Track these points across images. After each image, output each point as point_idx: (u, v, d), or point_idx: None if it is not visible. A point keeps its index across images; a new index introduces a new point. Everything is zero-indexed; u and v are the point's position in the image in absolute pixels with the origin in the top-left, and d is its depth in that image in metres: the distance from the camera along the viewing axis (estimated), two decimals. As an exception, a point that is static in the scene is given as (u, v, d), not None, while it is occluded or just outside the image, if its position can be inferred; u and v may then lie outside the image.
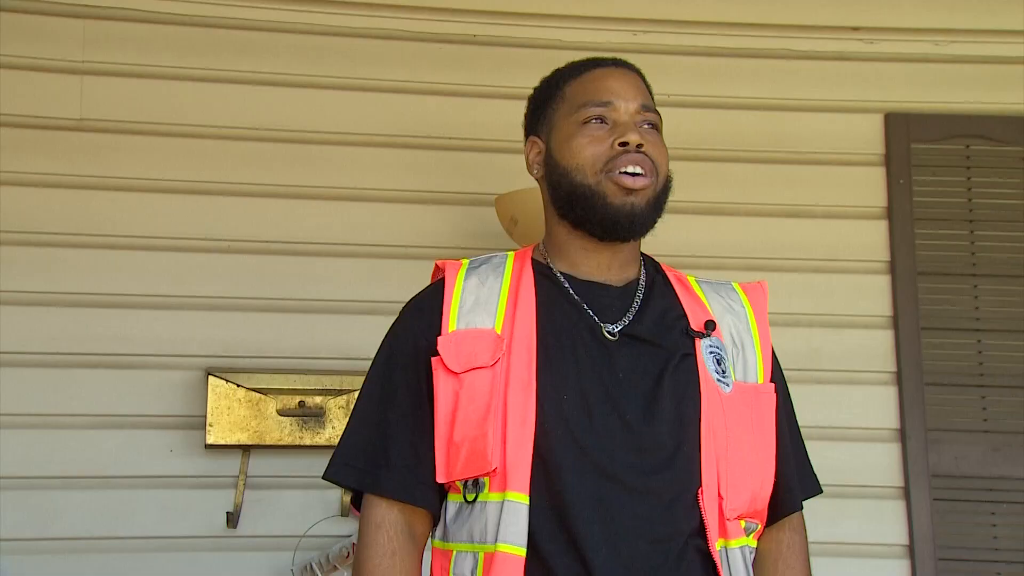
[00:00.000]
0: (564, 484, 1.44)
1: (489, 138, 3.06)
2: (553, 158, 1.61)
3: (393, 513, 1.51)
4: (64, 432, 2.81)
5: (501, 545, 1.42)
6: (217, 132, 3.00)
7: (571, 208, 1.58)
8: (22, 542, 2.75)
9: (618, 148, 1.55)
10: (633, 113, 1.58)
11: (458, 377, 1.50)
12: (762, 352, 1.62)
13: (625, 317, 1.57)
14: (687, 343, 1.56)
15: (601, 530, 1.43)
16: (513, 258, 1.64)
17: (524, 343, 1.51)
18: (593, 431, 1.47)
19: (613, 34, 3.17)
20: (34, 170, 2.91)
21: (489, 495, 1.46)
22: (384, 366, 1.59)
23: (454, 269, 1.61)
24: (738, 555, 1.50)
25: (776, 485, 1.57)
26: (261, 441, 2.80)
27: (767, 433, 1.57)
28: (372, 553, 1.50)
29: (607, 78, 1.61)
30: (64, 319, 2.86)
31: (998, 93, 3.22)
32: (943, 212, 3.17)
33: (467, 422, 1.48)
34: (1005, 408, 3.07)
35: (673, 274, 1.68)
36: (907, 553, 2.97)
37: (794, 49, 3.23)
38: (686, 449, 1.49)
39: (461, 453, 1.48)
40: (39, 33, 2.97)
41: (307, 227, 2.99)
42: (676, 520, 1.46)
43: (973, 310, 3.12)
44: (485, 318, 1.54)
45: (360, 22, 3.10)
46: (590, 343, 1.53)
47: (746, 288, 1.69)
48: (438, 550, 1.54)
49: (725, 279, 1.72)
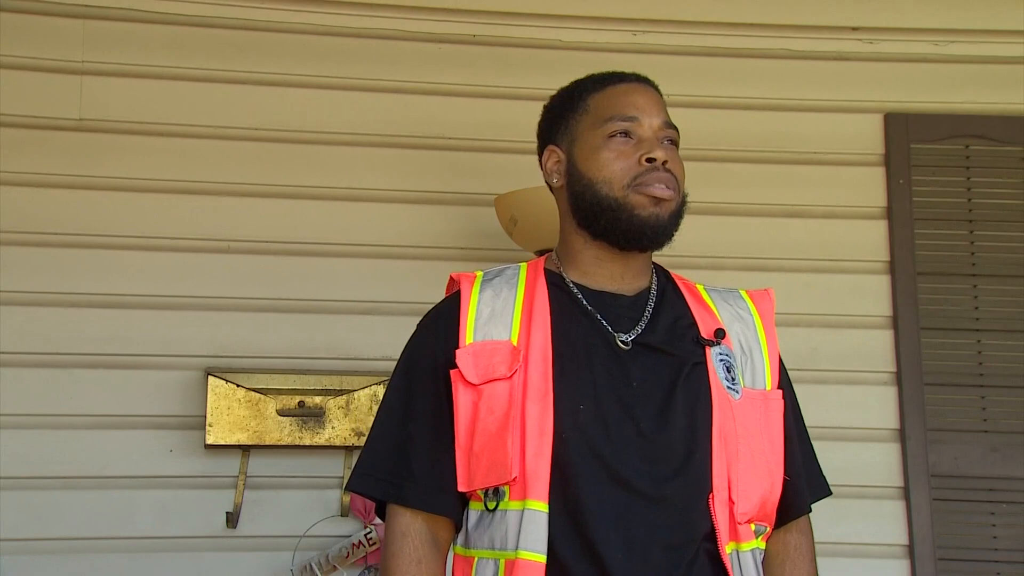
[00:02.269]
0: (581, 492, 1.47)
1: (489, 138, 3.06)
2: (577, 169, 1.63)
3: (418, 522, 1.56)
4: (64, 432, 2.81)
5: (522, 552, 1.45)
6: (217, 132, 3.00)
7: (595, 219, 1.61)
8: (22, 542, 2.75)
9: (645, 164, 1.58)
10: (657, 129, 1.61)
11: (476, 389, 1.53)
12: (770, 359, 1.65)
13: (638, 326, 1.59)
14: (698, 352, 1.59)
15: (617, 537, 1.46)
16: (526, 269, 1.67)
17: (540, 354, 1.53)
18: (609, 440, 1.50)
19: (613, 34, 3.17)
20: (34, 170, 2.91)
21: (509, 503, 1.49)
22: (403, 379, 1.62)
23: (469, 282, 1.63)
24: (749, 558, 1.52)
25: (785, 489, 1.60)
26: (261, 441, 2.80)
27: (776, 438, 1.60)
28: (399, 562, 1.55)
29: (632, 93, 1.64)
30: (64, 319, 2.86)
31: (998, 93, 3.22)
32: (943, 212, 3.17)
33: (486, 432, 1.51)
34: (1005, 408, 3.07)
35: (683, 283, 1.70)
36: (907, 553, 2.97)
37: (794, 49, 3.23)
38: (698, 456, 1.52)
39: (481, 463, 1.51)
40: (39, 33, 2.98)
41: (307, 227, 2.99)
42: (689, 526, 1.49)
43: (973, 310, 3.12)
44: (501, 330, 1.57)
45: (360, 22, 3.10)
46: (604, 353, 1.56)
47: (753, 296, 1.72)
48: (460, 556, 1.57)
49: (733, 287, 1.75)
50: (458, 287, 1.64)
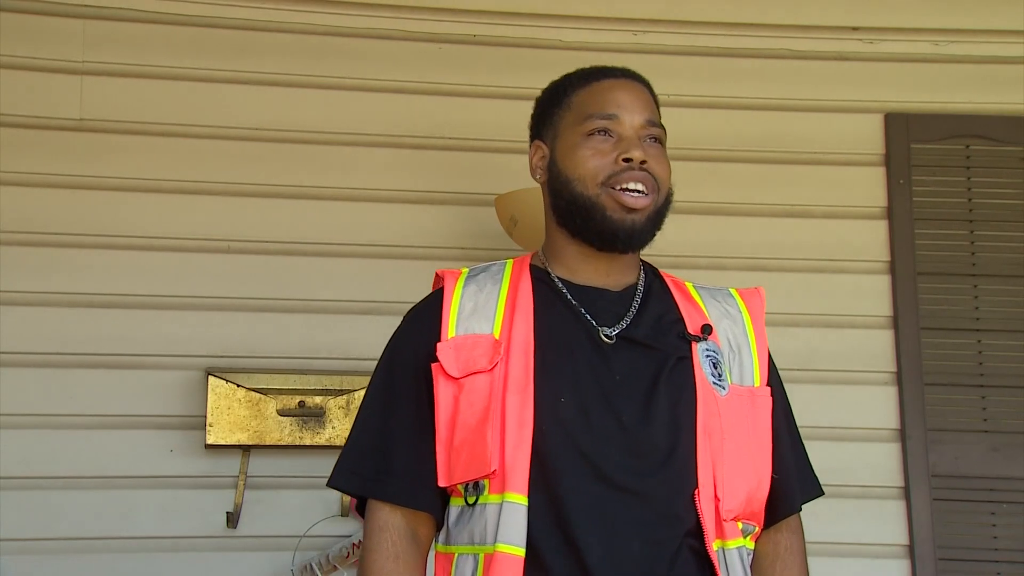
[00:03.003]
0: (561, 485, 1.46)
1: (489, 138, 3.06)
2: (556, 166, 1.62)
3: (396, 517, 1.53)
4: (64, 432, 2.81)
5: (500, 545, 1.43)
6: (217, 132, 3.00)
7: (571, 217, 1.60)
8: (22, 542, 2.75)
9: (622, 163, 1.56)
10: (638, 127, 1.59)
11: (457, 382, 1.52)
12: (758, 356, 1.63)
13: (623, 321, 1.58)
14: (683, 346, 1.57)
15: (598, 531, 1.44)
16: (512, 265, 1.66)
17: (521, 347, 1.52)
18: (590, 433, 1.49)
19: (613, 34, 3.17)
20: (34, 170, 2.91)
21: (489, 497, 1.47)
22: (385, 374, 1.61)
23: (453, 277, 1.63)
24: (735, 556, 1.51)
25: (773, 487, 1.58)
26: (261, 441, 2.80)
27: (763, 435, 1.58)
28: (376, 556, 1.52)
29: (614, 90, 1.61)
30: (64, 319, 2.86)
31: (998, 93, 3.22)
32: (943, 212, 3.17)
33: (466, 426, 1.50)
34: (1005, 408, 3.07)
35: (671, 280, 1.69)
36: (907, 553, 2.97)
37: (794, 49, 3.23)
38: (681, 451, 1.50)
39: (461, 456, 1.49)
40: (39, 33, 2.98)
41: (307, 227, 2.99)
42: (672, 521, 1.47)
43: (973, 310, 3.12)
44: (483, 324, 1.56)
45: (360, 22, 3.10)
46: (587, 346, 1.55)
47: (743, 294, 1.70)
48: (441, 554, 1.55)
49: (723, 286, 1.74)
50: (442, 283, 1.63)
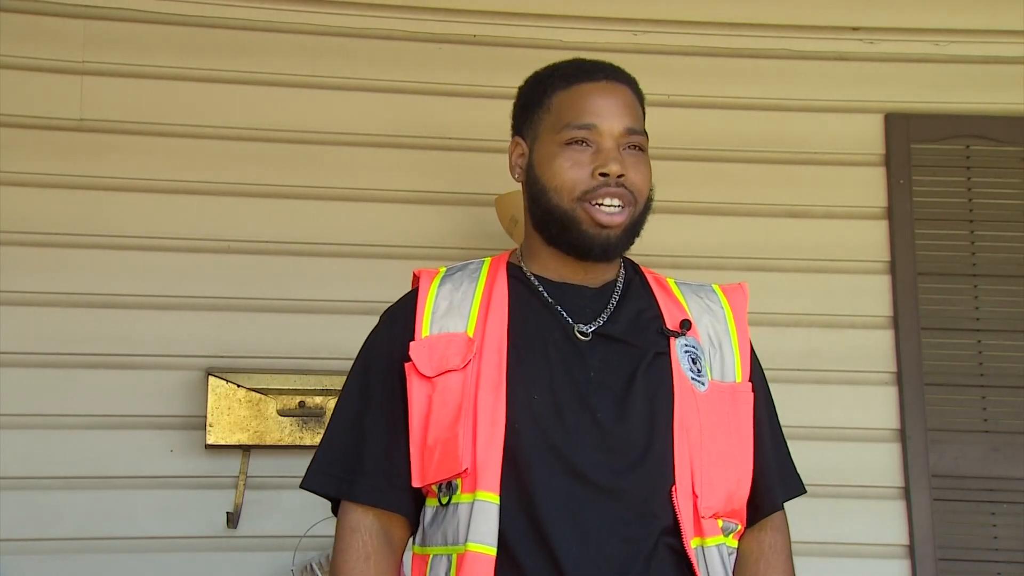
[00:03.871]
0: (534, 483, 1.44)
1: (489, 138, 3.05)
2: (535, 171, 1.60)
3: (368, 518, 1.53)
4: (64, 432, 2.81)
5: (471, 545, 1.42)
6: (217, 132, 3.00)
7: (546, 226, 1.59)
8: (22, 542, 2.75)
9: (598, 178, 1.53)
10: (617, 136, 1.56)
11: (431, 381, 1.51)
12: (740, 352, 1.61)
13: (600, 318, 1.57)
14: (661, 342, 1.56)
15: (571, 529, 1.43)
16: (489, 263, 1.65)
17: (495, 344, 1.51)
18: (564, 430, 1.47)
19: (613, 34, 3.17)
20: (34, 170, 2.91)
21: (461, 496, 1.46)
22: (360, 375, 1.61)
23: (429, 277, 1.62)
24: (715, 553, 1.49)
25: (755, 485, 1.56)
26: (261, 441, 2.80)
27: (744, 432, 1.56)
28: (347, 557, 1.51)
29: (594, 96, 1.57)
30: (64, 319, 2.86)
31: (998, 93, 3.22)
32: (943, 212, 3.17)
33: (439, 425, 1.49)
34: (1005, 408, 3.07)
35: (652, 276, 1.67)
36: (907, 553, 2.97)
37: (794, 49, 3.23)
38: (658, 447, 1.48)
39: (434, 456, 1.48)
40: (39, 33, 2.98)
41: (307, 227, 2.99)
42: (648, 519, 1.46)
43: (973, 310, 3.12)
44: (458, 322, 1.55)
45: (360, 22, 3.10)
46: (562, 343, 1.53)
47: (726, 290, 1.68)
48: (417, 556, 1.54)
49: (706, 282, 1.72)
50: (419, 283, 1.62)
